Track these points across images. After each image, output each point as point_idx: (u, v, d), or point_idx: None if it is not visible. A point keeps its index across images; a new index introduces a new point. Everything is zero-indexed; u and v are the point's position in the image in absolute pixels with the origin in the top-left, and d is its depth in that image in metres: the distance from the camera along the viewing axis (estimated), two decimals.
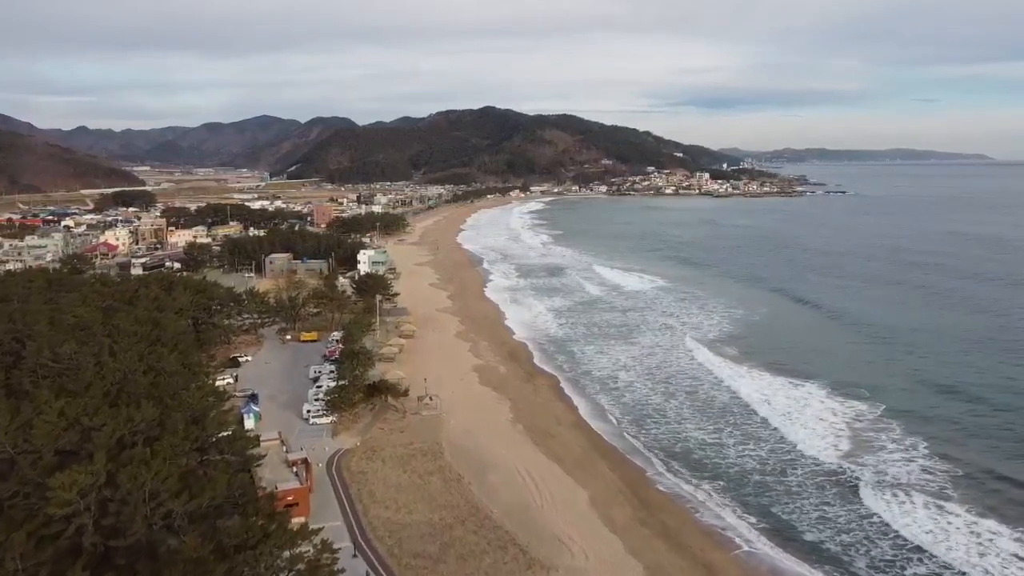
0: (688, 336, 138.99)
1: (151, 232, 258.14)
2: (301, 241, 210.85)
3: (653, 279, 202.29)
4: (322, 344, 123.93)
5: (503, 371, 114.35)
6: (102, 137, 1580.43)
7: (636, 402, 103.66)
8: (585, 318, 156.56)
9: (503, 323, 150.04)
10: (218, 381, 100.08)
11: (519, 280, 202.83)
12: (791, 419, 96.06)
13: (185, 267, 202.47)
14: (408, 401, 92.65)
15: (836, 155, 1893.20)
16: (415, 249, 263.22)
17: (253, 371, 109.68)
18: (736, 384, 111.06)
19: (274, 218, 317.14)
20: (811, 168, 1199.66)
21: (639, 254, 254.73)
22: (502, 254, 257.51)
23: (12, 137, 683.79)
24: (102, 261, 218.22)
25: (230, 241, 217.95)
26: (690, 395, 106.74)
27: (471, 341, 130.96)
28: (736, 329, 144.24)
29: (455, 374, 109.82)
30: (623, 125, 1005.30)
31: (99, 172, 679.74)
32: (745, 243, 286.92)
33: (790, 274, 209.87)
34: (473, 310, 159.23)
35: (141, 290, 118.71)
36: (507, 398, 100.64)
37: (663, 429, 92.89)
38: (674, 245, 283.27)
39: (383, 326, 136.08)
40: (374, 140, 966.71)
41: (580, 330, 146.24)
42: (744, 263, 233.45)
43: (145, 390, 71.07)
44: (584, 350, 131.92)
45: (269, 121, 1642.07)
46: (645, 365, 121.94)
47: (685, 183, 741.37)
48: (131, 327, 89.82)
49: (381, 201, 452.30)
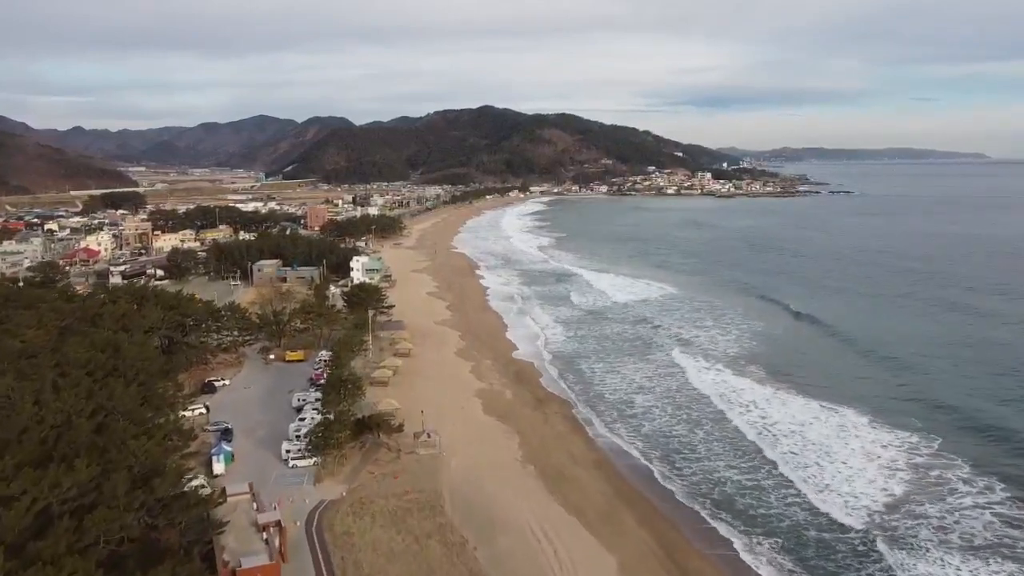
0: (706, 353, 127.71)
1: (135, 237, 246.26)
2: (291, 247, 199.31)
3: (662, 286, 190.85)
4: (309, 364, 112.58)
5: (509, 396, 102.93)
6: (98, 137, 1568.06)
7: (658, 433, 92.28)
8: (593, 330, 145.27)
9: (507, 337, 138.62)
10: (189, 412, 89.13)
11: (522, 287, 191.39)
12: (834, 455, 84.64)
13: (168, 274, 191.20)
14: (403, 437, 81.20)
15: (834, 154, 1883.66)
16: (412, 253, 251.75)
17: (230, 398, 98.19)
18: (766, 410, 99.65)
19: (266, 221, 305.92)
20: (810, 167, 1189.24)
21: (646, 258, 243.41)
22: (503, 259, 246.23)
23: (2, 137, 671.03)
24: (80, 269, 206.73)
25: (216, 247, 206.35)
26: (717, 424, 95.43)
27: (473, 360, 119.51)
28: (757, 345, 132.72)
29: (456, 401, 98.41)
30: (622, 125, 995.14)
31: (91, 173, 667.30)
32: (756, 247, 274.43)
33: (811, 282, 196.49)
34: (474, 322, 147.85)
35: (107, 306, 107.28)
36: (515, 430, 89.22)
37: (694, 468, 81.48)
38: (682, 249, 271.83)
39: (376, 341, 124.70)
40: (371, 140, 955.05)
41: (589, 345, 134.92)
42: (759, 269, 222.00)
43: (87, 438, 59.66)
44: (594, 368, 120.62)
45: (266, 121, 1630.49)
46: (662, 387, 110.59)
47: (687, 183, 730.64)
48: (84, 355, 78.33)
49: (377, 202, 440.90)
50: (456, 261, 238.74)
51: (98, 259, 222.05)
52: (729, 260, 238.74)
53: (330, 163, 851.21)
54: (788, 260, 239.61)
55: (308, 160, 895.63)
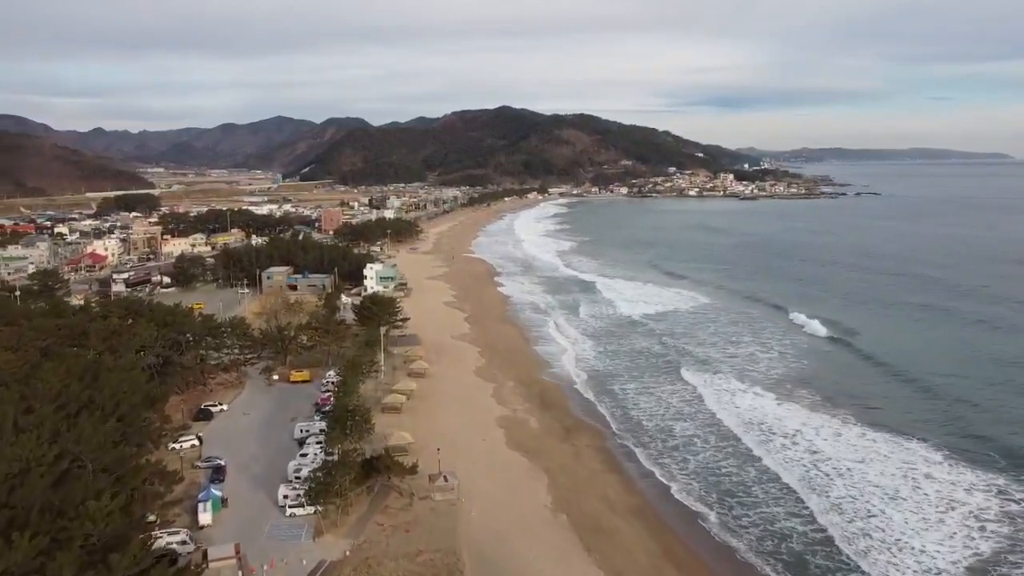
0: (748, 372, 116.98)
1: (144, 241, 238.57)
2: (302, 253, 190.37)
3: (694, 296, 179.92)
4: (315, 386, 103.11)
5: (535, 425, 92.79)
6: (118, 138, 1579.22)
7: (705, 469, 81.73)
8: (622, 345, 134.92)
9: (529, 353, 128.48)
10: (179, 445, 79.98)
11: (544, 297, 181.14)
12: (902, 501, 73.84)
13: (175, 282, 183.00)
14: (417, 478, 71.28)
15: (854, 154, 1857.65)
16: (428, 259, 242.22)
17: (226, 427, 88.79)
18: (814, 442, 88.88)
19: (279, 224, 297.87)
20: (830, 168, 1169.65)
21: (674, 265, 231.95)
22: (523, 264, 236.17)
23: (20, 139, 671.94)
24: (85, 275, 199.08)
25: (225, 253, 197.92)
26: (770, 455, 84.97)
27: (494, 380, 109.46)
28: (802, 364, 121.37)
29: (476, 431, 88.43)
30: (641, 125, 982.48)
31: (107, 174, 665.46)
32: (790, 254, 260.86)
33: (855, 294, 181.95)
34: (495, 337, 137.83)
35: (96, 322, 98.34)
36: (542, 468, 79.05)
37: (751, 516, 70.86)
38: (710, 255, 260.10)
39: (389, 359, 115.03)
40: (388, 141, 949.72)
41: (618, 362, 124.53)
42: (796, 277, 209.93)
43: (41, 496, 50.30)
44: (626, 390, 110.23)
45: (284, 122, 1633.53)
46: (704, 412, 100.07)
47: (709, 184, 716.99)
48: (58, 384, 69.12)
49: (394, 204, 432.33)
50: (474, 267, 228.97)
51: (105, 264, 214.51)
52: (763, 268, 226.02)
53: (347, 164, 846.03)
54: (826, 269, 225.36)
55: (325, 161, 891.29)
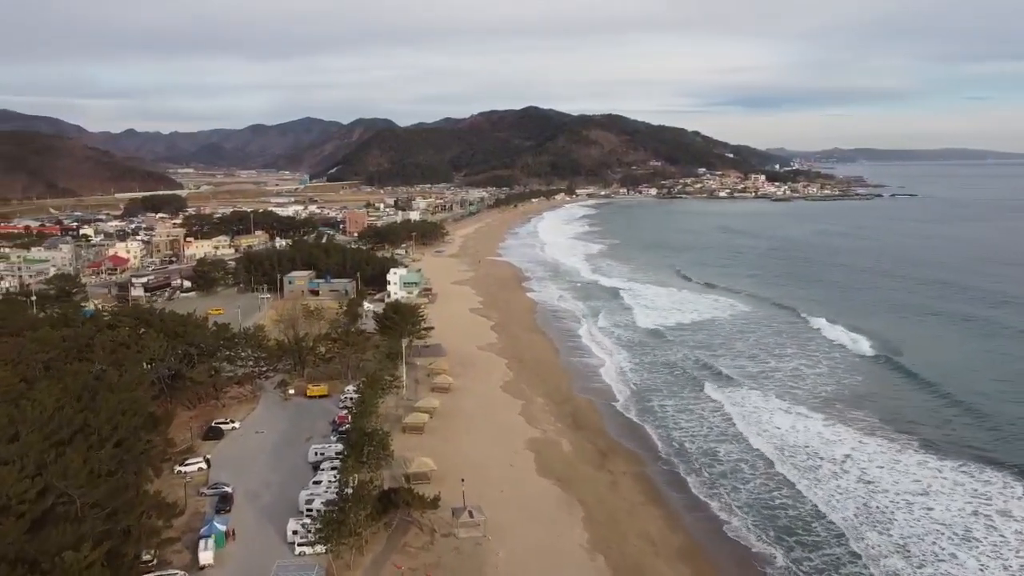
0: (792, 390, 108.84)
1: (166, 244, 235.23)
2: (325, 257, 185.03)
3: (732, 303, 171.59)
4: (334, 401, 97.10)
5: (567, 448, 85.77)
6: (149, 139, 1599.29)
7: (758, 502, 74.04)
8: (658, 356, 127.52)
9: (559, 366, 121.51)
10: (186, 468, 74.20)
11: (574, 303, 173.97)
12: (977, 543, 65.93)
13: (195, 286, 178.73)
14: (439, 513, 64.66)
15: (886, 155, 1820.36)
16: (454, 263, 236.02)
17: (237, 448, 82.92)
18: (876, 471, 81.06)
19: (303, 226, 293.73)
20: (862, 169, 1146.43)
21: (709, 270, 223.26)
22: (552, 269, 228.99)
23: (52, 140, 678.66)
24: (106, 278, 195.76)
25: (247, 256, 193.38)
26: (819, 484, 77.33)
27: (523, 397, 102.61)
28: (850, 381, 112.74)
29: (504, 456, 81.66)
30: (669, 125, 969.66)
31: (137, 175, 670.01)
32: (828, 257, 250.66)
33: (903, 304, 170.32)
34: (523, 347, 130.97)
35: (103, 333, 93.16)
36: (577, 500, 72.04)
37: (814, 560, 63.30)
38: (746, 260, 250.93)
39: (412, 371, 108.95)
40: (414, 141, 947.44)
41: (656, 376, 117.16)
42: (835, 282, 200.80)
43: (15, 545, 44.42)
44: (665, 407, 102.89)
45: (312, 123, 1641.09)
46: (748, 433, 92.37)
47: (740, 185, 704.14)
48: (52, 405, 63.55)
49: (420, 206, 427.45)
50: (501, 271, 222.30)
51: (126, 267, 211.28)
52: (801, 274, 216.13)
53: (373, 165, 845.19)
54: (867, 275, 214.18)
55: (352, 162, 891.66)
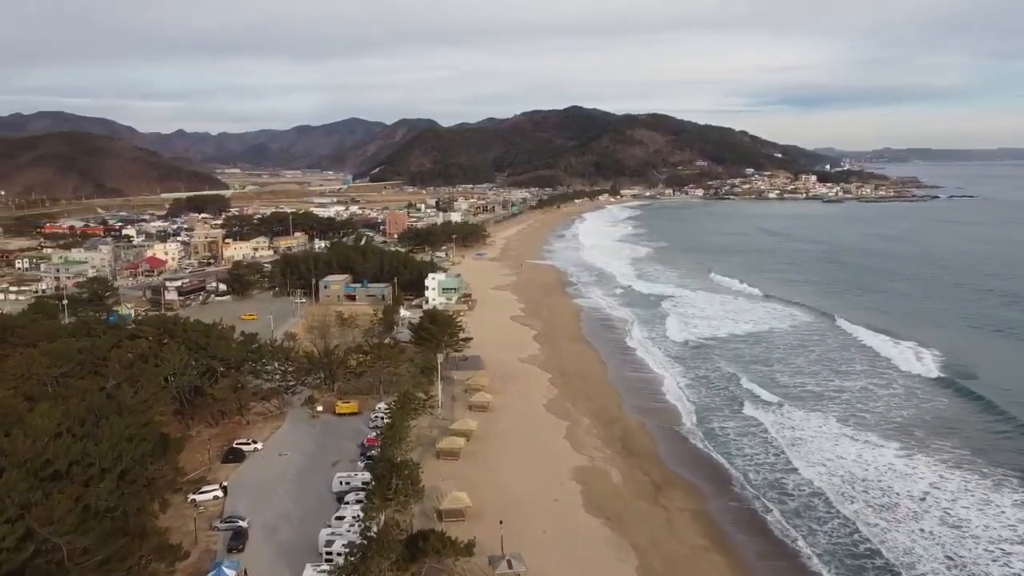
0: (860, 413, 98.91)
1: (204, 245, 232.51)
2: (362, 260, 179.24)
3: (790, 313, 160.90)
4: (364, 420, 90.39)
5: (617, 479, 77.50)
6: (198, 140, 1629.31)
7: (840, 549, 64.90)
8: (712, 371, 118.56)
9: (608, 381, 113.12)
10: (200, 496, 68.01)
11: (621, 311, 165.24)
12: None
13: (230, 289, 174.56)
14: (474, 560, 57.13)
15: (941, 155, 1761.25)
16: (495, 267, 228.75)
17: (257, 472, 76.51)
18: (962, 511, 72.00)
19: (343, 227, 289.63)
20: (915, 169, 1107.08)
21: (763, 276, 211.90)
22: (597, 273, 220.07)
23: (101, 141, 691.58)
24: (141, 280, 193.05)
25: (283, 259, 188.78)
26: (912, 522, 68.46)
27: (568, 418, 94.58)
28: (932, 403, 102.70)
29: (547, 487, 73.82)
30: (716, 125, 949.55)
31: (183, 175, 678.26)
32: (890, 263, 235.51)
33: (971, 314, 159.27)
34: (567, 360, 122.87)
35: (124, 343, 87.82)
36: (629, 543, 63.89)
37: None
38: (802, 265, 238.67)
39: (448, 387, 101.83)
40: (457, 141, 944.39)
41: (710, 393, 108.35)
42: (901, 292, 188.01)
43: None
44: (725, 429, 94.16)
45: (357, 123, 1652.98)
46: (818, 460, 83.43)
47: (789, 186, 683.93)
48: (48, 429, 57.59)
49: (461, 207, 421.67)
50: (544, 276, 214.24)
51: (164, 269, 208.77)
52: (865, 282, 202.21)
53: (416, 165, 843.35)
54: (932, 285, 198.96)
55: (395, 162, 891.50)
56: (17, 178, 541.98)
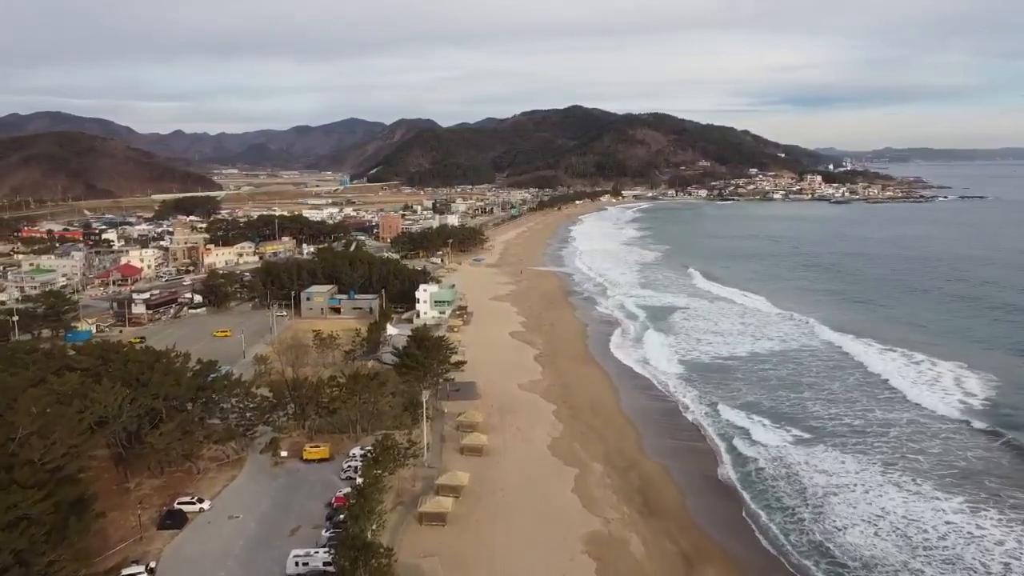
0: (912, 456, 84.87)
1: (184, 251, 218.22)
2: (349, 269, 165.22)
3: (815, 329, 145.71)
4: (335, 468, 76.43)
5: (639, 549, 63.45)
6: (197, 140, 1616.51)
7: None
8: (736, 397, 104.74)
9: (622, 412, 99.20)
10: None
11: (630, 323, 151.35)
12: None
13: (206, 301, 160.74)
14: None
15: (942, 155, 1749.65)
16: (493, 274, 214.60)
17: (200, 544, 62.37)
18: None
19: (334, 231, 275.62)
20: (917, 169, 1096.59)
21: (780, 284, 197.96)
22: (602, 281, 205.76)
23: (93, 140, 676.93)
24: (114, 291, 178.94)
25: (265, 268, 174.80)
26: None
27: (577, 462, 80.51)
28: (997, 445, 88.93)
29: (554, 562, 59.87)
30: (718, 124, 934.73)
31: (176, 176, 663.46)
32: (915, 271, 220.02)
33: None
34: (573, 386, 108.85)
35: (50, 379, 73.85)
36: None
37: None
38: (823, 270, 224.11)
39: (437, 421, 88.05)
40: (456, 141, 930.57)
41: (746, 419, 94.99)
42: (935, 302, 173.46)
43: None
44: (761, 474, 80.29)
45: (356, 123, 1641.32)
46: (868, 515, 69.89)
47: (795, 187, 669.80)
48: None
49: (459, 209, 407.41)
50: (545, 284, 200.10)
51: (139, 278, 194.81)
52: (894, 293, 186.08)
53: (414, 165, 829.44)
54: (967, 299, 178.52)
55: (393, 162, 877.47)
56: (6, 179, 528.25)
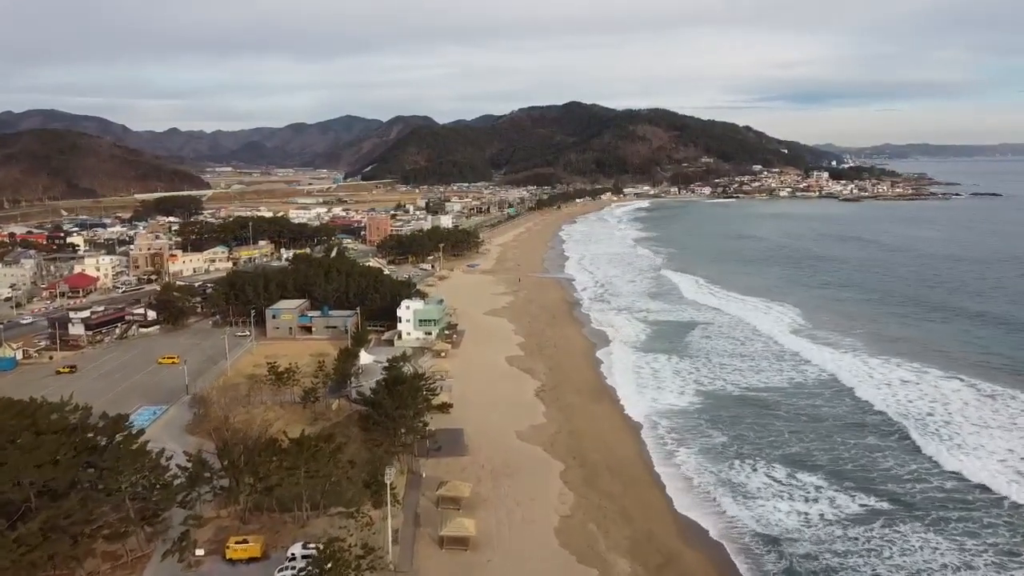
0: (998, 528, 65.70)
1: (146, 258, 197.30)
2: (323, 281, 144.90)
3: (852, 347, 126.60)
4: (270, 570, 56.27)
5: None
6: (192, 138, 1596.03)
7: None
8: (775, 447, 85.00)
9: (649, 471, 79.08)
10: None
11: (645, 341, 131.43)
12: None
13: (160, 318, 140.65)
14: None
15: (941, 150, 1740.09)
16: (488, 282, 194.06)
17: None
18: None
19: (317, 234, 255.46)
20: (917, 165, 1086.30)
21: (807, 294, 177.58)
22: (609, 291, 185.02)
23: (76, 138, 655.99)
24: (63, 305, 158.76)
25: (227, 279, 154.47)
26: None
27: (595, 561, 59.81)
28: None
29: None
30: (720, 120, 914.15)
31: (162, 174, 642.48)
32: (952, 278, 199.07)
33: None
34: (586, 433, 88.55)
35: None
36: None
37: None
38: (849, 277, 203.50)
39: (413, 492, 68.11)
40: (453, 139, 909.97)
41: (784, 476, 75.81)
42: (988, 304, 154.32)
43: None
44: (823, 550, 61.36)
45: (352, 121, 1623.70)
46: None
47: (801, 184, 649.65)
48: None
49: (454, 208, 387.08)
50: (546, 294, 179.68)
51: (93, 289, 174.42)
52: (936, 298, 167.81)
53: (410, 163, 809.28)
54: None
55: (388, 160, 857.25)
56: None
